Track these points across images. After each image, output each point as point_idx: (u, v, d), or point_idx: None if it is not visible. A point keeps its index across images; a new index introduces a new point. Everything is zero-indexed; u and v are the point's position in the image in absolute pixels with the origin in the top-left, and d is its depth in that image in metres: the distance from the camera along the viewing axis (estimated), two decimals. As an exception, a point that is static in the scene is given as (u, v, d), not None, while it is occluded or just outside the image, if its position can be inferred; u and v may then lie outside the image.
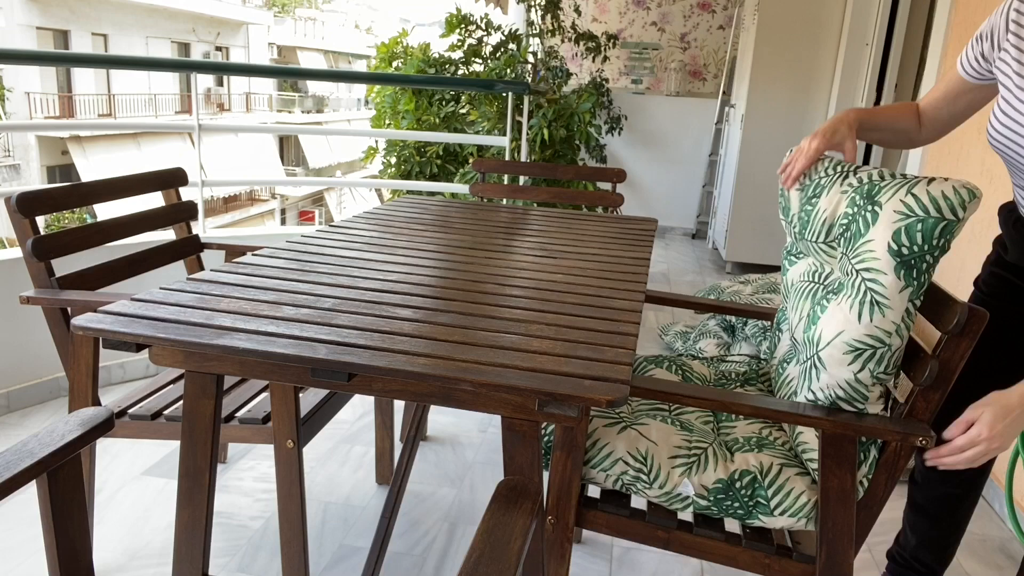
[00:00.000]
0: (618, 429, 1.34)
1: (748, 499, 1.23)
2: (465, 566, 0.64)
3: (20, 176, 16.19)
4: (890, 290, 1.11)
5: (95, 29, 17.61)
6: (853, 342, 1.14)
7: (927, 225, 1.08)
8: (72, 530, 0.92)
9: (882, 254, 1.11)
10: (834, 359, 1.16)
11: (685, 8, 6.20)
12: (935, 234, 1.08)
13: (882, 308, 1.11)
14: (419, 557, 1.79)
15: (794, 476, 1.24)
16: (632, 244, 1.80)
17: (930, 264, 1.10)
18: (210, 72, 3.14)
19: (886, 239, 1.11)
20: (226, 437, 1.54)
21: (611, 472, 1.30)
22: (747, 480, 1.24)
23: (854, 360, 1.14)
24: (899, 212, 1.10)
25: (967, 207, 1.07)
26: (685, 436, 1.33)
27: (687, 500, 1.26)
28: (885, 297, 1.11)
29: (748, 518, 1.25)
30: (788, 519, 1.22)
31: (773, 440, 1.35)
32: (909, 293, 1.10)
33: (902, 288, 1.10)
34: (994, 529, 2.05)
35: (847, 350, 1.14)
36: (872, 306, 1.12)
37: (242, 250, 1.94)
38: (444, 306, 1.22)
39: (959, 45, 2.64)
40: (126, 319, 1.06)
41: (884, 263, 1.11)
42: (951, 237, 1.09)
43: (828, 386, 1.19)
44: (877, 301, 1.12)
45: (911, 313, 1.12)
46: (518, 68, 5.19)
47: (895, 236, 1.10)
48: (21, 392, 2.47)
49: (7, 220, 1.57)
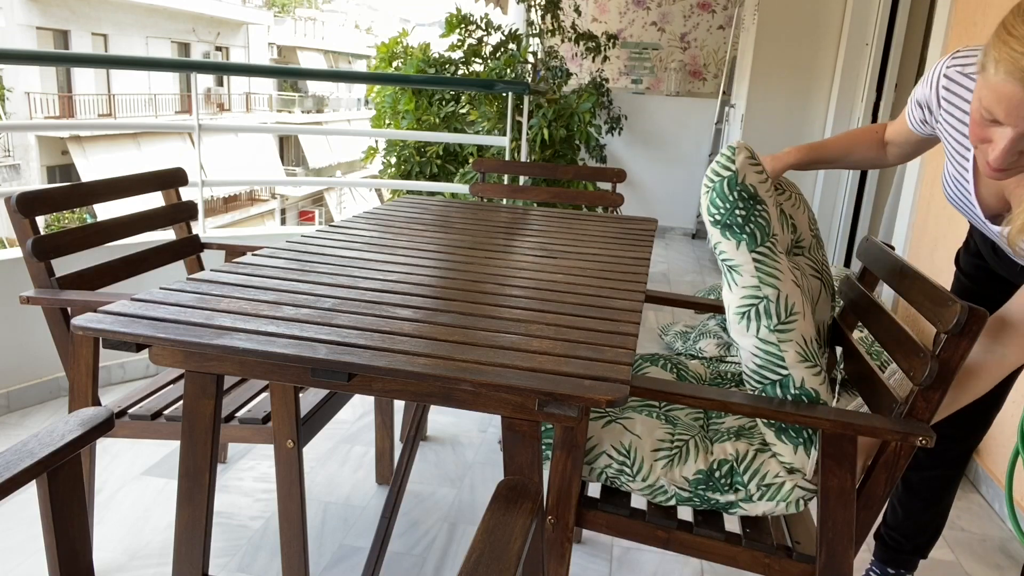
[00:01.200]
0: (603, 423, 1.35)
1: (727, 488, 1.25)
2: (465, 566, 0.64)
3: (20, 176, 16.19)
4: (730, 252, 1.21)
5: (95, 29, 17.61)
6: (737, 310, 1.22)
7: (718, 187, 1.22)
8: (72, 530, 0.92)
9: (712, 229, 1.24)
10: (736, 331, 1.24)
11: (685, 8, 6.20)
12: (726, 190, 1.21)
13: (736, 269, 1.21)
14: (419, 557, 1.79)
15: (768, 459, 1.26)
16: (632, 244, 1.80)
17: (744, 217, 1.20)
18: (210, 72, 3.14)
19: (707, 217, 1.24)
20: (226, 437, 1.54)
21: (595, 466, 1.31)
22: (725, 469, 1.26)
23: (747, 324, 1.21)
24: (704, 193, 1.25)
25: (735, 160, 1.21)
26: (668, 430, 1.35)
27: (670, 493, 1.27)
28: (732, 259, 1.22)
29: (731, 508, 1.26)
30: (767, 503, 1.23)
31: (750, 429, 1.37)
32: (746, 246, 1.20)
33: (737, 245, 1.20)
34: (994, 529, 2.05)
35: (738, 319, 1.23)
36: (729, 272, 1.23)
37: (242, 250, 1.94)
38: (444, 306, 1.22)
39: (959, 45, 2.64)
40: (126, 319, 1.06)
41: (716, 234, 1.23)
42: (743, 187, 1.20)
43: (748, 361, 1.24)
44: (730, 267, 1.22)
45: (764, 262, 1.20)
46: (518, 68, 5.19)
47: (708, 210, 1.23)
48: (21, 392, 2.47)
49: (7, 220, 1.57)
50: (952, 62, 1.20)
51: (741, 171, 1.21)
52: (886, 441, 1.18)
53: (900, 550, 1.64)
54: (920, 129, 1.33)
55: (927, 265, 2.70)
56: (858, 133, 1.48)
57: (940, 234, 2.63)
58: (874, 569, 1.70)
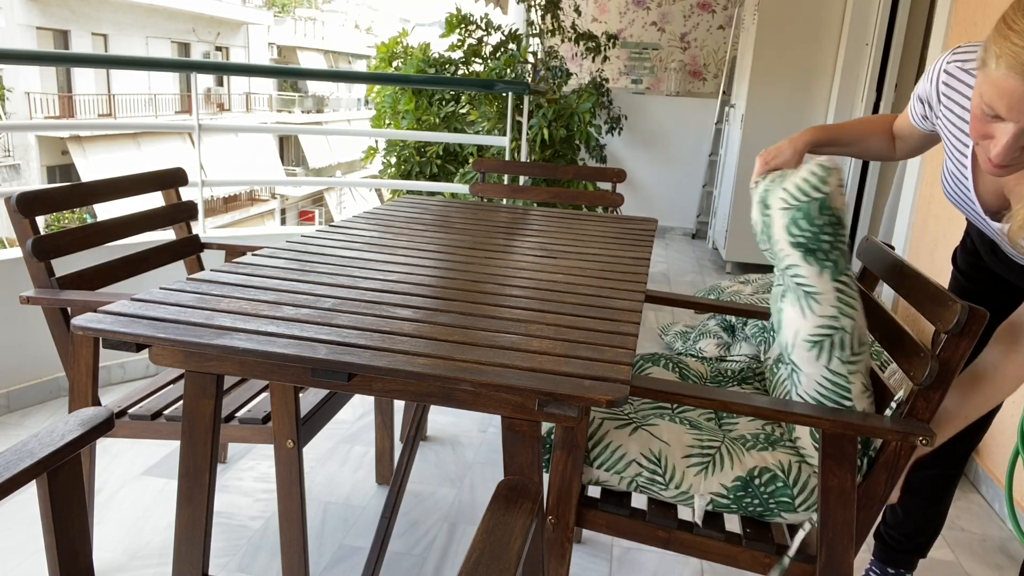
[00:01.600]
0: (629, 431, 1.34)
1: (768, 497, 1.24)
2: (465, 566, 0.64)
3: (20, 176, 16.19)
4: (811, 278, 1.13)
5: (95, 29, 17.60)
6: (809, 337, 1.16)
7: (804, 210, 1.12)
8: (72, 530, 0.92)
9: (789, 250, 1.15)
10: (803, 358, 1.19)
11: (685, 8, 6.20)
12: (815, 214, 1.11)
13: (815, 297, 1.14)
14: (419, 557, 1.79)
15: (813, 475, 1.26)
16: (632, 244, 1.80)
17: (830, 242, 1.12)
18: (210, 72, 3.14)
19: (784, 235, 1.15)
20: (226, 437, 1.54)
21: (625, 475, 1.29)
22: (767, 478, 1.25)
23: (819, 353, 1.16)
24: (781, 208, 1.15)
25: (827, 181, 1.11)
26: (696, 435, 1.34)
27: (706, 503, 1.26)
28: (812, 286, 1.14)
29: (767, 515, 1.25)
30: (808, 513, 1.24)
31: (781, 437, 1.36)
32: (829, 274, 1.13)
33: (819, 272, 1.13)
34: (994, 529, 2.05)
35: (808, 347, 1.17)
36: (806, 298, 1.15)
37: (242, 250, 1.94)
38: (444, 306, 1.22)
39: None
40: (126, 319, 1.06)
41: (794, 256, 1.15)
42: (833, 210, 1.11)
43: (809, 387, 1.20)
44: (807, 292, 1.15)
45: (845, 291, 1.13)
46: (518, 68, 5.19)
47: (787, 230, 1.14)
48: (21, 392, 2.47)
49: (7, 220, 1.57)
50: (953, 58, 1.19)
51: (833, 195, 1.12)
52: (886, 441, 1.18)
53: (900, 549, 1.64)
54: (921, 124, 1.32)
55: (927, 265, 2.70)
56: (874, 121, 1.45)
57: (940, 234, 2.63)
58: (874, 569, 1.70)
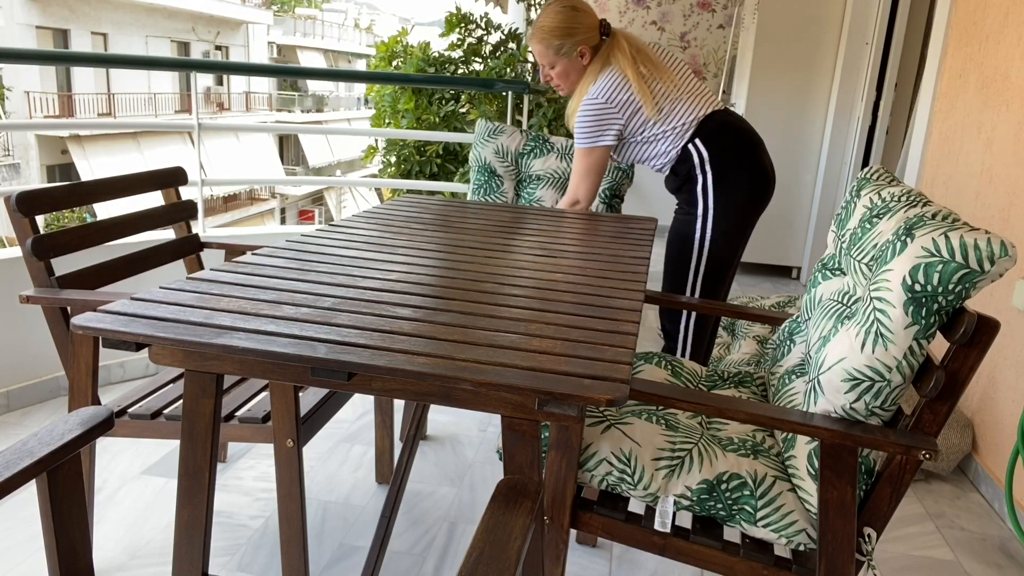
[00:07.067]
0: (602, 428, 1.34)
1: (732, 503, 1.23)
2: (465, 565, 0.64)
3: (20, 175, 16.19)
4: (896, 324, 1.08)
5: (95, 28, 17.60)
6: (853, 371, 1.12)
7: (948, 268, 1.04)
8: (72, 529, 0.92)
9: (896, 286, 1.08)
10: (832, 385, 1.15)
11: (685, 7, 6.20)
12: (953, 279, 1.04)
13: (886, 341, 1.09)
14: (419, 556, 1.79)
15: (786, 492, 1.23)
16: (632, 244, 1.80)
17: (942, 307, 1.06)
18: (210, 71, 3.14)
19: (903, 272, 1.08)
20: (226, 436, 1.54)
21: (596, 472, 1.30)
22: (735, 484, 1.24)
23: (851, 390, 1.13)
24: (926, 249, 1.07)
25: (996, 262, 1.02)
26: (669, 436, 1.33)
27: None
28: (890, 331, 1.08)
29: (729, 520, 1.24)
30: (770, 532, 1.22)
31: (768, 448, 1.34)
32: (915, 331, 1.07)
33: (908, 324, 1.07)
34: (994, 529, 2.05)
35: (846, 378, 1.13)
36: (877, 337, 1.10)
37: (242, 249, 1.94)
38: (444, 305, 1.22)
39: (959, 45, 2.64)
40: (126, 318, 1.06)
41: (895, 296, 1.08)
42: (971, 287, 1.04)
43: (824, 412, 1.18)
44: (882, 333, 1.09)
45: (915, 353, 1.08)
46: (518, 67, 5.19)
47: (912, 271, 1.07)
48: (21, 391, 2.47)
49: (7, 219, 1.57)
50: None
51: (985, 277, 1.04)
52: (890, 455, 1.15)
53: None
54: None
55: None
56: None
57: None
58: None
